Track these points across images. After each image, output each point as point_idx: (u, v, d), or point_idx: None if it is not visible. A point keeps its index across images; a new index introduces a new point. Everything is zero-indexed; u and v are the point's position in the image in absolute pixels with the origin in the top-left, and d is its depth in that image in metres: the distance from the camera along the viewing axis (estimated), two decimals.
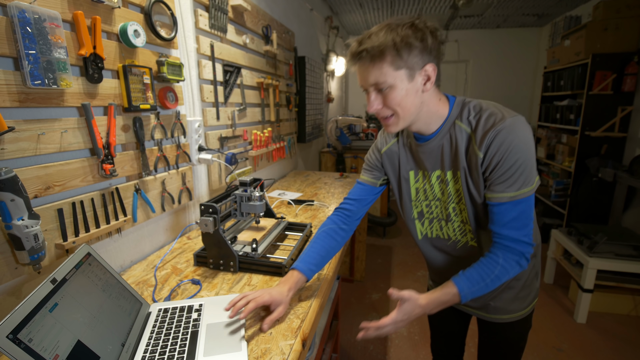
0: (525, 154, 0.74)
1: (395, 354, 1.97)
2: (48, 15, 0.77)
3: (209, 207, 1.01)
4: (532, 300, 0.98)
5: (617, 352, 1.99)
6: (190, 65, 1.38)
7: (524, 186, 0.75)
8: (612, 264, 2.13)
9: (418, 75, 0.75)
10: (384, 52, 0.72)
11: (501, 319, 0.97)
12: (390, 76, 0.74)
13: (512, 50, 4.77)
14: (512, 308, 0.96)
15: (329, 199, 1.90)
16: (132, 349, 0.70)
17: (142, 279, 1.01)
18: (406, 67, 0.73)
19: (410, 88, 0.75)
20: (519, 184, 0.74)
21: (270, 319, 0.79)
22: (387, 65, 0.73)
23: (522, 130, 0.74)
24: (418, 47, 0.72)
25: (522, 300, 0.96)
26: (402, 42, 0.71)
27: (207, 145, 1.50)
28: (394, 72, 0.73)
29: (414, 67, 0.74)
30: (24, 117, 0.78)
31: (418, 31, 0.72)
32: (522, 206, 0.76)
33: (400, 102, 0.76)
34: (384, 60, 0.73)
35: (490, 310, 0.97)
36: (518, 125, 0.74)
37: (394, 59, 0.72)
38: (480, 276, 0.79)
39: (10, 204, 0.70)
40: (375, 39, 0.72)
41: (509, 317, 0.97)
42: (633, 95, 2.85)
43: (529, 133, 0.75)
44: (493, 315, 0.98)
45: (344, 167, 3.54)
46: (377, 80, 0.75)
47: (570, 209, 3.18)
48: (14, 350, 0.48)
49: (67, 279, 0.63)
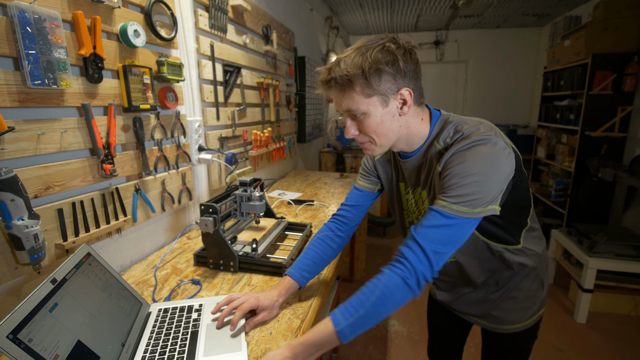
0: (480, 174, 0.66)
1: (395, 354, 1.97)
2: (48, 15, 0.77)
3: (209, 207, 1.01)
4: (536, 310, 0.92)
5: (617, 352, 1.99)
6: (190, 65, 1.38)
7: (463, 204, 0.65)
8: (612, 264, 2.13)
9: (393, 99, 0.72)
10: (352, 80, 0.69)
11: (503, 329, 0.93)
12: (362, 104, 0.71)
13: (512, 50, 4.77)
14: (514, 318, 0.91)
15: (329, 199, 1.90)
16: (132, 349, 0.70)
17: (142, 279, 1.01)
18: (378, 94, 0.70)
19: (385, 114, 0.73)
20: (457, 198, 0.66)
21: (253, 322, 0.78)
22: (357, 94, 0.70)
23: (485, 150, 0.67)
24: (389, 72, 0.69)
25: (525, 311, 0.91)
26: (371, 69, 0.68)
27: (207, 145, 1.50)
28: (366, 99, 0.70)
29: (387, 93, 0.71)
30: (24, 117, 0.78)
31: (389, 54, 0.68)
32: (451, 225, 0.66)
33: (375, 129, 0.74)
34: (353, 90, 0.70)
35: (492, 320, 0.94)
36: (483, 146, 0.67)
37: (363, 87, 0.69)
38: (359, 303, 0.66)
39: (10, 204, 0.70)
40: (343, 67, 0.69)
41: (511, 328, 0.92)
42: (633, 95, 2.85)
43: (494, 156, 0.67)
44: (495, 325, 0.94)
45: (344, 167, 3.54)
46: (350, 108, 0.72)
47: (570, 209, 3.18)
48: (14, 350, 0.48)
49: (67, 279, 0.63)
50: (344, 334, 0.65)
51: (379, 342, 2.06)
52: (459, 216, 0.66)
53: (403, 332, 2.15)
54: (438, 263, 0.66)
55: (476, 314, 0.96)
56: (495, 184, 0.67)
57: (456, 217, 0.66)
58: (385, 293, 0.65)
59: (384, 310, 0.66)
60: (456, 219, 0.66)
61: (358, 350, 2.00)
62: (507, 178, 0.70)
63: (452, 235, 0.66)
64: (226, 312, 0.79)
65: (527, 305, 0.91)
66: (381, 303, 0.65)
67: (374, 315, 0.65)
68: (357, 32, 5.11)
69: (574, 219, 3.08)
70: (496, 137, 0.69)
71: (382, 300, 0.65)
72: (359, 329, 0.65)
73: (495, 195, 0.68)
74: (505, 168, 0.68)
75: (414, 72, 0.72)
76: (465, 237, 0.68)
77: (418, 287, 0.66)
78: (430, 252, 0.65)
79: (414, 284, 0.65)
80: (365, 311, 0.65)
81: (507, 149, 0.69)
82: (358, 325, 0.65)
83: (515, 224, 0.83)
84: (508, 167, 0.69)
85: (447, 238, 0.66)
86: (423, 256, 0.66)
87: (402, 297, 0.66)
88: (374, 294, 0.66)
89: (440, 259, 0.66)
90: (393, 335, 2.13)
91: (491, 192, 0.67)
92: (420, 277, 0.65)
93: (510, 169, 0.69)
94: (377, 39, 0.71)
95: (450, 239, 0.66)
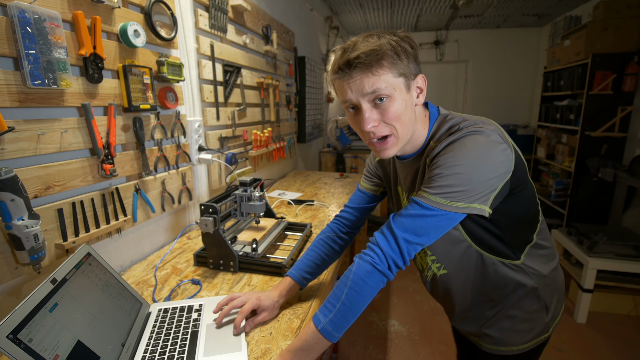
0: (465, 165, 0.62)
1: (395, 354, 1.97)
2: (48, 15, 0.77)
3: (209, 207, 1.01)
4: (535, 336, 0.82)
5: (617, 352, 1.99)
6: (190, 65, 1.38)
7: (441, 195, 0.62)
8: (612, 264, 2.13)
9: (413, 85, 0.69)
10: (383, 56, 0.64)
11: (499, 351, 0.84)
12: (390, 83, 0.65)
13: (512, 50, 4.77)
14: (509, 340, 0.82)
15: (329, 199, 1.90)
16: (132, 349, 0.70)
17: (142, 279, 1.01)
18: (404, 74, 0.66)
19: (408, 99, 0.68)
20: (437, 189, 0.63)
21: (254, 322, 0.78)
22: (386, 71, 0.64)
23: (475, 141, 0.64)
24: (412, 54, 0.67)
25: (523, 334, 0.81)
26: (399, 47, 0.65)
27: (207, 145, 1.50)
28: (394, 79, 0.65)
29: (410, 75, 0.67)
30: (24, 117, 0.78)
31: (407, 42, 0.67)
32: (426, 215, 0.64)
33: (400, 116, 0.67)
34: (381, 66, 0.64)
35: (488, 340, 0.85)
36: (473, 136, 0.64)
37: (392, 63, 0.65)
38: (335, 298, 0.66)
39: (10, 204, 0.70)
40: (368, 44, 0.64)
41: (508, 350, 0.83)
42: (633, 95, 2.85)
43: (483, 148, 0.63)
44: (490, 345, 0.85)
45: (344, 167, 3.54)
46: (376, 88, 0.64)
47: (570, 209, 3.18)
48: (14, 350, 0.48)
49: (67, 279, 0.63)
50: (326, 331, 0.64)
51: (379, 342, 2.06)
52: (436, 208, 0.63)
53: (403, 332, 2.16)
54: (409, 252, 0.65)
55: (473, 332, 0.89)
56: (482, 179, 0.62)
57: (434, 208, 0.63)
58: (357, 282, 0.65)
59: (360, 299, 0.65)
60: (434, 210, 0.63)
61: (358, 350, 2.00)
62: (501, 177, 0.64)
63: (426, 227, 0.64)
64: (226, 310, 0.79)
65: (525, 327, 0.81)
66: (355, 293, 0.65)
67: (352, 307, 0.65)
68: (357, 32, 5.11)
69: (574, 219, 3.09)
70: (492, 131, 0.65)
71: (355, 290, 0.65)
72: (341, 324, 0.65)
73: (483, 193, 0.63)
74: (497, 164, 0.63)
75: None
76: (441, 231, 0.65)
77: (389, 270, 0.66)
78: (402, 240, 0.64)
79: (385, 268, 0.65)
80: (342, 304, 0.65)
81: (502, 145, 0.64)
82: (339, 320, 0.65)
83: (517, 237, 0.76)
84: (501, 164, 0.63)
85: (421, 229, 0.64)
86: (394, 243, 0.65)
87: (375, 282, 0.65)
88: (347, 285, 0.65)
89: (412, 249, 0.65)
90: (393, 335, 2.13)
91: (477, 188, 0.62)
92: (390, 262, 0.65)
93: (505, 167, 0.64)
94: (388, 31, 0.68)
95: (424, 230, 0.64)
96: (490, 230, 0.74)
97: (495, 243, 0.76)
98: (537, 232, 0.78)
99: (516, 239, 0.77)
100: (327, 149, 3.72)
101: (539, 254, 0.80)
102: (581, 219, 3.03)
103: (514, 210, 0.72)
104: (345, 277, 0.67)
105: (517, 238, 0.77)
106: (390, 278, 0.67)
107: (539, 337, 0.83)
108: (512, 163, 0.66)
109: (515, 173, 0.67)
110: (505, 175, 0.65)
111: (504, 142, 0.65)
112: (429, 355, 1.95)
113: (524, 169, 0.71)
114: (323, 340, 0.65)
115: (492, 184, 0.64)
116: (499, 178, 0.64)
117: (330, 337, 0.65)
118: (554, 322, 0.84)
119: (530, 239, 0.78)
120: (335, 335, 0.65)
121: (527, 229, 0.77)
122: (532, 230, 0.78)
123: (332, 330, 0.64)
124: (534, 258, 0.79)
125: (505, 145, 0.65)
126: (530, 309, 0.80)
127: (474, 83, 5.00)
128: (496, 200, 0.66)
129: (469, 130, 0.66)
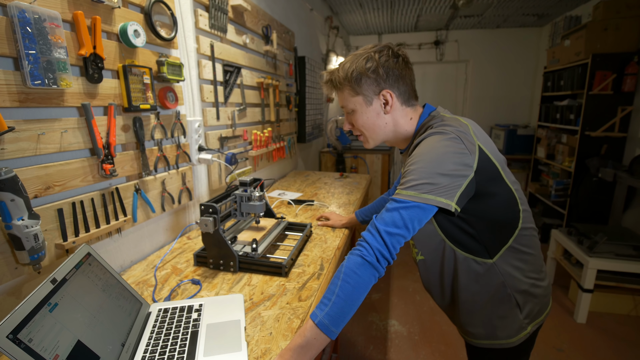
0: (425, 161, 0.73)
1: (395, 354, 1.97)
2: (48, 15, 0.77)
3: (209, 207, 1.02)
4: (512, 333, 0.85)
5: (617, 352, 1.99)
6: (190, 65, 1.38)
7: (410, 188, 0.72)
8: (612, 264, 2.13)
9: (376, 99, 0.86)
10: (342, 83, 0.87)
11: (478, 344, 0.90)
12: (350, 102, 0.88)
13: (512, 50, 4.77)
14: (486, 335, 0.87)
15: (329, 199, 1.90)
16: (132, 349, 0.70)
17: (142, 279, 1.01)
18: (361, 94, 0.86)
19: (370, 111, 0.87)
20: (406, 184, 0.73)
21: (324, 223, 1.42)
22: (346, 94, 0.88)
23: (433, 140, 0.75)
24: (371, 77, 0.84)
25: (500, 330, 0.86)
26: (355, 75, 0.84)
27: (207, 145, 1.50)
28: (352, 98, 0.88)
29: (369, 94, 0.85)
30: (24, 117, 0.78)
31: (371, 62, 0.83)
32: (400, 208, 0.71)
33: (363, 124, 0.89)
34: (343, 90, 0.88)
35: (466, 332, 0.93)
36: (433, 136, 0.76)
37: (349, 89, 0.87)
38: (330, 292, 0.69)
39: (10, 204, 0.70)
40: (338, 72, 0.88)
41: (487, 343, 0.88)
42: (633, 95, 2.85)
43: (439, 146, 0.73)
44: (468, 338, 0.93)
45: (344, 167, 3.53)
46: (342, 104, 0.91)
47: (570, 209, 3.18)
48: (14, 350, 0.48)
49: (67, 279, 0.63)
50: (324, 325, 0.66)
51: (379, 342, 2.06)
52: (407, 200, 0.71)
53: (403, 332, 2.16)
54: (393, 244, 0.71)
55: (457, 324, 0.95)
56: (441, 174, 0.71)
57: (405, 201, 0.71)
58: (349, 274, 0.69)
59: (354, 291, 0.68)
60: (406, 202, 0.71)
61: (358, 350, 2.00)
62: (461, 174, 0.71)
63: (402, 218, 0.71)
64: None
65: (501, 324, 0.85)
66: (348, 285, 0.68)
67: (347, 299, 0.67)
68: (357, 32, 5.11)
69: (574, 219, 3.09)
70: (454, 132, 0.75)
71: (348, 282, 0.68)
72: (338, 318, 0.67)
73: (447, 188, 0.70)
74: (453, 161, 0.71)
75: (397, 76, 0.84)
76: (417, 222, 0.71)
77: (378, 263, 0.70)
78: (384, 232, 0.70)
79: (374, 260, 0.70)
80: (337, 297, 0.67)
81: (459, 144, 0.73)
82: (335, 314, 0.66)
83: (491, 238, 0.80)
84: (458, 162, 0.71)
85: (399, 220, 0.71)
86: (378, 236, 0.71)
87: (366, 275, 0.69)
88: (340, 279, 0.69)
89: (395, 240, 0.71)
90: (393, 335, 2.13)
91: (439, 182, 0.70)
92: (377, 254, 0.70)
93: (463, 165, 0.72)
94: (370, 47, 0.86)
95: (401, 222, 0.71)
96: (463, 229, 0.80)
97: (467, 241, 0.81)
98: (515, 237, 0.81)
99: (491, 240, 0.81)
100: (327, 149, 3.72)
101: (516, 257, 0.82)
102: (581, 219, 3.03)
103: (489, 212, 0.78)
104: (338, 272, 0.71)
105: (491, 239, 0.81)
106: (381, 272, 0.71)
107: (518, 335, 0.86)
108: (473, 163, 0.73)
109: (480, 174, 0.73)
110: (465, 174, 0.72)
111: (462, 142, 0.73)
112: (429, 355, 1.95)
113: (494, 173, 0.76)
114: (321, 335, 0.66)
115: (454, 180, 0.71)
116: (459, 176, 0.71)
117: (327, 331, 0.66)
118: (534, 322, 0.87)
119: (505, 241, 0.81)
120: (333, 330, 0.66)
121: (502, 232, 0.81)
122: (509, 234, 0.81)
123: (329, 323, 0.66)
124: (508, 260, 0.82)
125: (463, 145, 0.73)
126: (502, 306, 0.84)
127: (474, 83, 5.00)
128: (463, 198, 0.73)
129: (433, 130, 0.78)
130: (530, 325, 0.86)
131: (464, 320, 0.91)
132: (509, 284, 0.83)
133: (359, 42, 5.31)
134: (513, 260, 0.82)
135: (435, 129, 0.78)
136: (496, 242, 0.81)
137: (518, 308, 0.84)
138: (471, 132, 0.77)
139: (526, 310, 0.85)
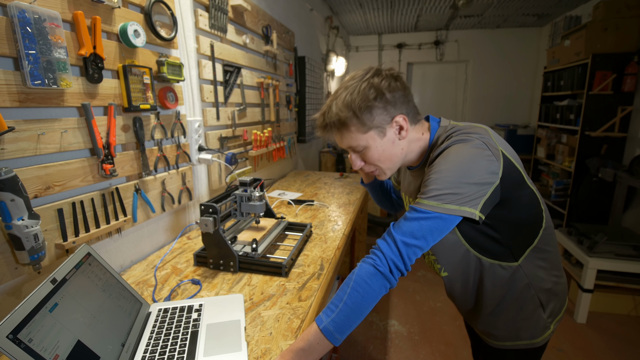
0: (450, 170, 0.67)
1: (395, 354, 1.97)
2: (48, 15, 0.77)
3: (209, 207, 1.01)
4: (537, 333, 0.84)
5: (617, 352, 1.99)
6: (190, 65, 1.38)
7: (433, 199, 0.67)
8: (612, 264, 2.13)
9: (389, 128, 0.77)
10: (346, 122, 0.75)
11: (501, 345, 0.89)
12: (362, 140, 0.77)
13: (512, 50, 4.77)
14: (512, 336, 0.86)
15: (329, 199, 1.90)
16: (132, 349, 0.70)
17: (142, 279, 1.01)
18: (373, 127, 0.75)
19: (385, 142, 0.77)
20: (428, 193, 0.68)
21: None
22: (354, 133, 0.76)
23: (460, 148, 0.69)
24: (379, 106, 0.74)
25: (523, 330, 0.85)
26: (361, 108, 0.73)
27: (207, 145, 1.50)
28: (363, 135, 0.76)
29: (382, 125, 0.76)
30: (24, 117, 0.78)
31: (374, 90, 0.73)
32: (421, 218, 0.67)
33: (379, 158, 0.79)
34: (349, 130, 0.76)
35: (489, 336, 0.90)
36: (459, 144, 0.70)
37: (357, 126, 0.75)
38: (338, 298, 0.67)
39: (10, 204, 0.70)
40: (335, 110, 0.75)
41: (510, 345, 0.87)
42: (633, 95, 2.85)
43: (467, 154, 0.68)
44: (491, 340, 0.90)
45: (344, 167, 3.53)
46: (350, 145, 0.79)
47: (570, 209, 3.18)
48: (14, 350, 0.48)
49: (67, 279, 0.63)
50: (328, 331, 0.64)
51: (379, 342, 2.06)
52: (429, 210, 0.66)
53: (403, 332, 2.16)
54: (409, 255, 0.67)
55: (480, 329, 0.92)
56: (467, 183, 0.66)
57: (427, 211, 0.67)
58: (359, 282, 0.66)
59: (363, 301, 0.65)
60: (427, 213, 0.67)
61: (358, 350, 2.00)
62: (487, 182, 0.67)
63: (422, 229, 0.67)
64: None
65: (524, 325, 0.85)
66: (357, 294, 0.65)
67: (355, 308, 0.65)
68: (357, 32, 5.11)
69: (574, 219, 3.09)
70: (478, 138, 0.70)
71: (357, 291, 0.65)
72: (344, 325, 0.65)
73: (473, 197, 0.66)
74: (480, 169, 0.67)
75: (403, 96, 0.76)
76: (438, 234, 0.68)
77: (391, 274, 0.67)
78: (400, 242, 0.67)
79: (387, 270, 0.66)
80: (345, 305, 0.65)
81: (486, 151, 0.68)
82: (341, 321, 0.65)
83: (517, 242, 0.79)
84: (484, 170, 0.67)
85: (418, 231, 0.67)
86: (394, 246, 0.67)
87: (377, 285, 0.66)
88: (349, 286, 0.66)
89: (411, 252, 0.67)
90: (393, 335, 2.13)
91: (465, 191, 0.66)
92: (391, 264, 0.67)
93: (488, 173, 0.67)
94: (362, 74, 0.76)
95: (420, 233, 0.67)
96: (488, 234, 0.77)
97: (492, 246, 0.78)
98: (540, 237, 0.79)
99: (516, 243, 0.78)
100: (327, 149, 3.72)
101: (539, 256, 0.81)
102: (581, 219, 3.03)
103: (514, 216, 0.75)
104: (348, 279, 0.68)
105: (517, 242, 0.78)
106: (393, 283, 0.68)
107: (543, 335, 0.85)
108: (499, 170, 0.69)
109: (505, 180, 0.69)
110: (491, 181, 0.68)
111: (488, 149, 0.69)
112: (429, 355, 1.95)
113: (518, 177, 0.73)
114: (325, 341, 0.65)
115: (480, 188, 0.67)
116: (485, 183, 0.67)
117: (331, 337, 0.65)
118: (556, 319, 0.86)
119: (531, 243, 0.79)
120: (337, 337, 0.65)
121: (528, 233, 0.79)
122: (535, 235, 0.79)
123: (333, 330, 0.64)
124: (532, 261, 0.81)
125: (489, 152, 0.69)
126: (526, 307, 0.83)
127: (474, 83, 5.00)
128: (488, 206, 0.69)
129: (456, 139, 0.72)
130: (552, 324, 0.85)
131: (487, 323, 0.88)
132: (534, 285, 0.81)
133: (359, 42, 5.31)
134: (537, 260, 0.81)
135: (457, 136, 0.73)
136: (521, 244, 0.79)
137: (541, 307, 0.83)
138: (492, 138, 0.73)
139: (549, 309, 0.84)
